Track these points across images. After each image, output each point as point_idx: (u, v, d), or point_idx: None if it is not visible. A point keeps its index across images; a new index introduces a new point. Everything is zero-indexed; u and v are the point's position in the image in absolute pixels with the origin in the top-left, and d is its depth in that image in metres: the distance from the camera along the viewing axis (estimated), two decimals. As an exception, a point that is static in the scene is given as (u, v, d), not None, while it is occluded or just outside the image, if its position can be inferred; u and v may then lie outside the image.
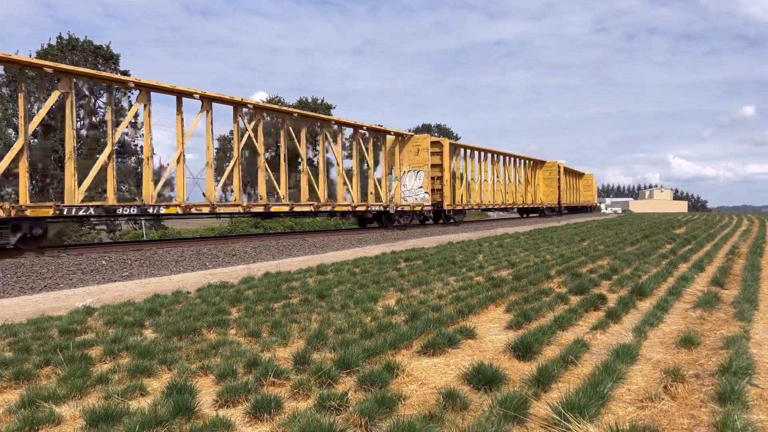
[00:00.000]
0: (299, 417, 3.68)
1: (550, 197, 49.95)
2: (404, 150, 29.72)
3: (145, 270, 13.35)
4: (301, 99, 56.21)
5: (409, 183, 29.93)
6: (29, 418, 3.78)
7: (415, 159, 29.94)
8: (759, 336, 5.96)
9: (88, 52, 37.15)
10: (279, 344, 5.69)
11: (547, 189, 50.18)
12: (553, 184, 50.36)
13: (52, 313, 7.74)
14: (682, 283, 9.20)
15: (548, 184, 50.22)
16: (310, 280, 10.26)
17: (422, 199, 29.85)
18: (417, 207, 29.16)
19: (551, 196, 50.07)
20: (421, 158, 29.95)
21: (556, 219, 42.16)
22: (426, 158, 29.86)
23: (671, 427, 3.68)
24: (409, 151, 29.87)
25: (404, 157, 29.75)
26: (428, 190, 29.89)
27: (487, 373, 4.47)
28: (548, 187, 50.13)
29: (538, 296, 8.14)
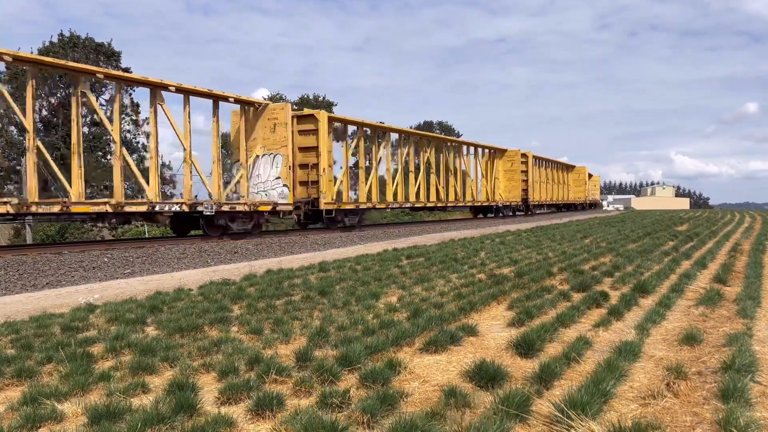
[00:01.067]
0: (301, 414, 3.68)
1: (513, 192, 41.37)
2: (257, 125, 21.21)
3: (147, 267, 13.37)
4: (303, 96, 56.20)
5: (264, 172, 21.33)
6: (31, 416, 3.78)
7: (271, 138, 21.18)
8: (762, 333, 5.95)
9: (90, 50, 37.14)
10: (281, 341, 5.69)
11: (509, 183, 41.87)
12: (516, 177, 41.66)
13: (54, 310, 7.75)
14: (685, 280, 9.19)
15: (510, 177, 41.71)
16: (312, 277, 10.26)
17: (280, 195, 21.11)
18: (265, 206, 20.30)
19: (514, 191, 41.44)
20: (278, 137, 21.05)
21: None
22: (285, 137, 20.95)
23: (674, 425, 3.67)
24: (264, 126, 21.15)
25: (257, 136, 21.17)
26: (288, 182, 21.02)
27: (489, 370, 4.46)
28: (510, 181, 41.78)
29: (540, 293, 8.13)
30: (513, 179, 41.17)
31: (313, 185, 22.48)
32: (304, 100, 54.77)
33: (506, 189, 40.95)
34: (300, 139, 22.35)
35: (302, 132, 22.42)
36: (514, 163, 41.12)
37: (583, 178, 61.39)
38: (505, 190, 40.82)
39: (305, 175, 22.40)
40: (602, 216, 39.84)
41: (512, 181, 41.19)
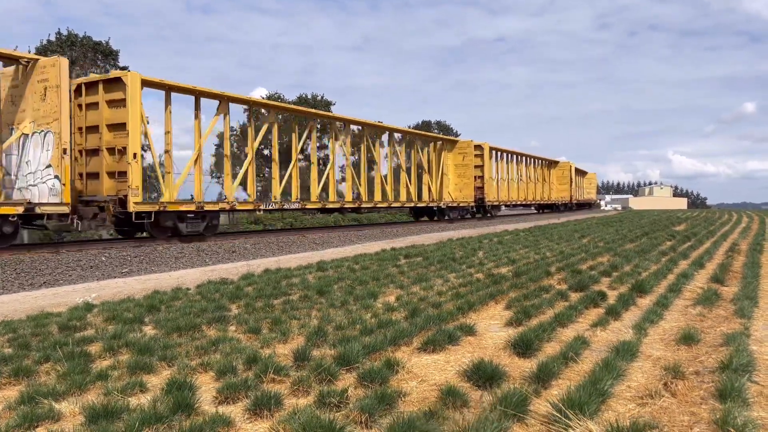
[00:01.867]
0: (299, 413, 3.68)
1: (464, 191, 34.77)
2: (27, 91, 14.95)
3: (145, 266, 13.35)
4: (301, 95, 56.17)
5: (34, 158, 14.91)
6: (29, 415, 3.77)
7: (41, 109, 14.75)
8: (759, 333, 5.96)
9: (88, 48, 37.08)
10: (279, 341, 5.69)
11: (460, 180, 34.97)
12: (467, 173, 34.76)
13: (51, 309, 7.74)
14: (682, 280, 9.20)
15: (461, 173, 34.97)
16: (310, 276, 10.26)
17: (51, 191, 14.65)
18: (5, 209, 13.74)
19: (465, 190, 34.76)
20: (50, 106, 14.58)
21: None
22: (56, 105, 14.45)
23: (671, 424, 3.68)
24: (34, 92, 14.84)
25: (26, 106, 14.95)
26: (60, 171, 14.51)
27: (487, 369, 4.46)
28: (461, 178, 35.02)
29: (538, 293, 8.14)
30: (464, 176, 34.70)
31: (121, 177, 16.18)
32: (302, 100, 54.75)
33: (456, 187, 34.55)
34: (108, 113, 16.35)
35: (110, 103, 16.36)
36: (466, 157, 34.52)
37: (567, 175, 54.48)
38: (455, 189, 34.47)
39: (114, 163, 16.24)
40: (600, 216, 39.90)
41: (463, 178, 34.67)
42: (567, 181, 54.59)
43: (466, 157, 34.76)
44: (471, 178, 34.93)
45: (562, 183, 53.99)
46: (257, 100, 23.45)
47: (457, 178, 34.87)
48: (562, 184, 54.12)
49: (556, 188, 52.92)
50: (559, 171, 53.73)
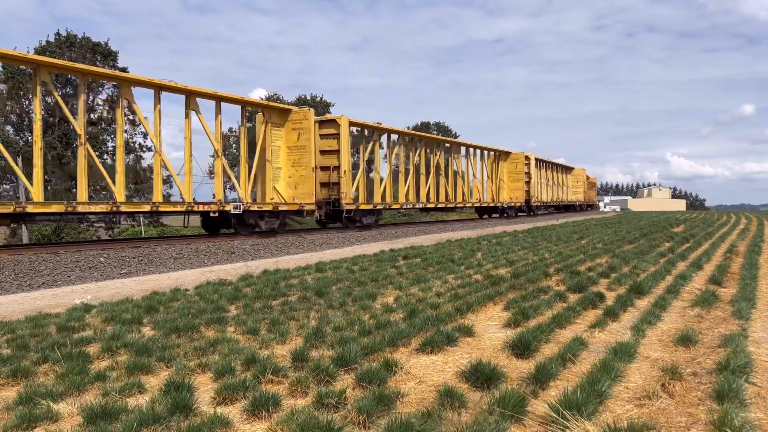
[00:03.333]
0: (297, 414, 3.68)
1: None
2: None
3: (144, 267, 13.34)
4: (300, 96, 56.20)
5: None
6: (27, 415, 3.77)
7: None
8: (757, 334, 5.97)
9: (86, 49, 37.07)
10: (277, 342, 5.69)
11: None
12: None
13: (50, 310, 7.73)
14: (681, 281, 9.21)
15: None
16: (309, 277, 10.26)
17: None
18: None
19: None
20: None
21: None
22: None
23: (669, 425, 3.68)
24: None
25: None
26: None
27: (485, 370, 4.47)
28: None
29: (537, 294, 8.15)
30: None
31: None
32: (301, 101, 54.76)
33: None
34: None
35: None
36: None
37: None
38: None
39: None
40: (599, 217, 39.93)
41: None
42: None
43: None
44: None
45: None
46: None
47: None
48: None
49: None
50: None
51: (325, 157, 23.39)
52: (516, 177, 41.66)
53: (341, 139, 23.14)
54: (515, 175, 41.44)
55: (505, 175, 41.30)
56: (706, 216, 40.92)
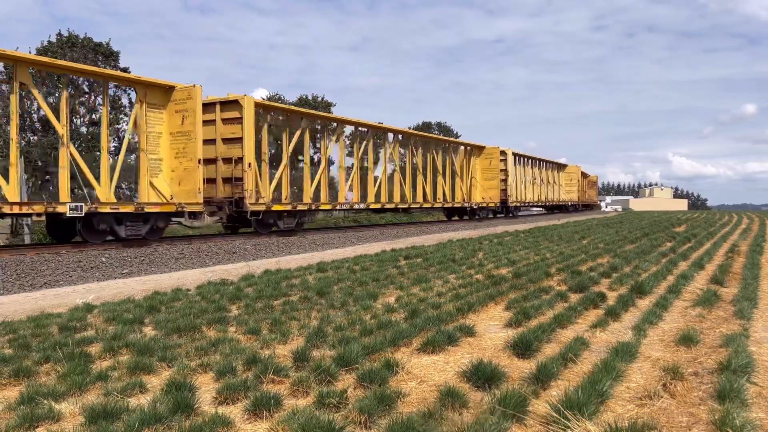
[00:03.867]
0: (298, 414, 3.69)
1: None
2: None
3: (145, 267, 13.36)
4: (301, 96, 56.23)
5: None
6: (29, 415, 3.78)
7: None
8: (758, 334, 5.97)
9: (88, 49, 37.12)
10: (278, 341, 5.70)
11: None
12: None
13: (51, 310, 7.74)
14: (682, 281, 9.21)
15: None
16: (310, 277, 10.26)
17: None
18: None
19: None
20: None
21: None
22: None
23: (670, 425, 3.68)
24: None
25: None
26: None
27: (486, 370, 4.47)
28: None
29: (538, 294, 8.15)
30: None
31: None
32: (302, 101, 54.79)
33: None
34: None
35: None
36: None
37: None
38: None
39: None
40: (600, 217, 39.91)
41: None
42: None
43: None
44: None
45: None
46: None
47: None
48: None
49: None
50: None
51: (229, 146, 19.50)
52: (490, 174, 37.49)
53: (245, 125, 19.07)
54: (489, 172, 37.41)
55: (478, 172, 37.24)
56: (708, 216, 40.88)
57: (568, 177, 56.46)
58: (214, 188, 19.53)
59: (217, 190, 19.46)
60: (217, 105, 19.38)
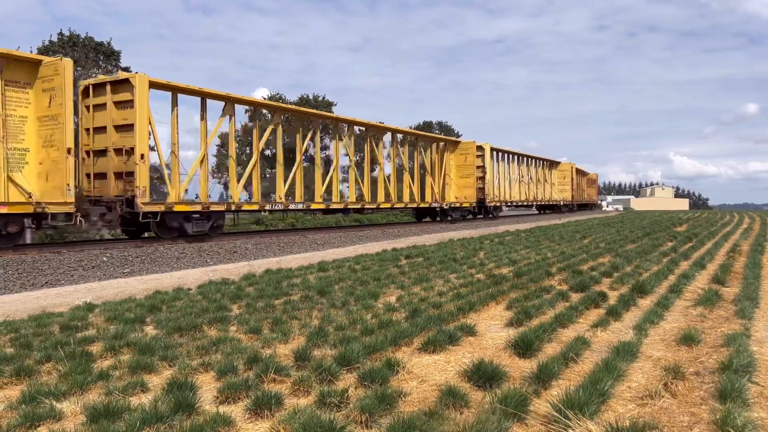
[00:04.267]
0: (299, 413, 3.69)
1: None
2: None
3: (146, 266, 13.37)
4: (302, 96, 56.23)
5: None
6: (30, 414, 3.78)
7: None
8: (760, 334, 5.96)
9: (89, 49, 37.14)
10: (279, 341, 5.70)
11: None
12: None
13: (53, 309, 7.75)
14: (683, 280, 9.20)
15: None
16: (311, 277, 10.26)
17: None
18: None
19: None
20: None
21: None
22: None
23: (671, 425, 3.68)
24: None
25: None
26: None
27: (487, 370, 4.47)
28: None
29: (539, 293, 8.14)
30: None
31: None
32: (303, 100, 54.79)
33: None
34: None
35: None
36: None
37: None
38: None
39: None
40: (601, 216, 39.87)
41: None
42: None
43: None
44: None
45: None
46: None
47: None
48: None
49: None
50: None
51: (122, 135, 16.40)
52: (466, 172, 33.98)
53: (137, 108, 16.04)
54: (465, 169, 33.99)
55: (453, 169, 33.80)
56: (709, 215, 40.83)
57: (561, 175, 53.32)
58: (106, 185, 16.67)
59: (109, 188, 16.58)
60: (108, 85, 16.51)
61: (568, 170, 54.68)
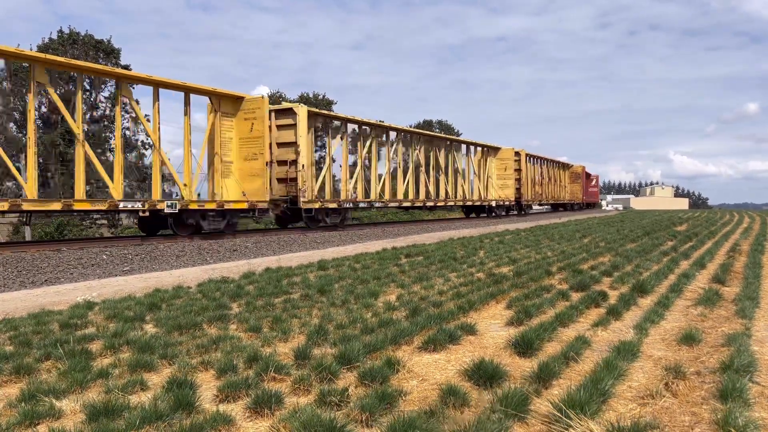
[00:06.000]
0: (300, 412, 3.68)
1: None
2: None
3: (146, 265, 13.36)
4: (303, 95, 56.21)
5: None
6: (30, 412, 3.77)
7: None
8: (760, 333, 5.95)
9: (89, 47, 37.10)
10: (279, 339, 5.69)
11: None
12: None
13: (52, 307, 7.74)
14: (684, 280, 9.19)
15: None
16: (311, 275, 10.25)
17: None
18: None
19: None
20: None
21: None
22: None
23: (672, 424, 3.67)
24: None
25: None
26: None
27: (487, 369, 4.46)
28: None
29: (539, 293, 8.13)
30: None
31: None
32: (304, 99, 54.77)
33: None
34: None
35: None
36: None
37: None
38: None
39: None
40: (601, 216, 39.88)
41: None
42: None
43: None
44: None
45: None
46: None
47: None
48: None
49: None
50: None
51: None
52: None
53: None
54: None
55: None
56: (709, 215, 40.83)
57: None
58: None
59: None
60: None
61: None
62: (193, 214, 18.38)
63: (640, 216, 37.78)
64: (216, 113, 19.53)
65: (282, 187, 22.05)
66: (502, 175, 39.67)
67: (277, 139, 22.14)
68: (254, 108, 20.13)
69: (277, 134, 22.17)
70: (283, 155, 22.18)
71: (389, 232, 23.94)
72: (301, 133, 21.98)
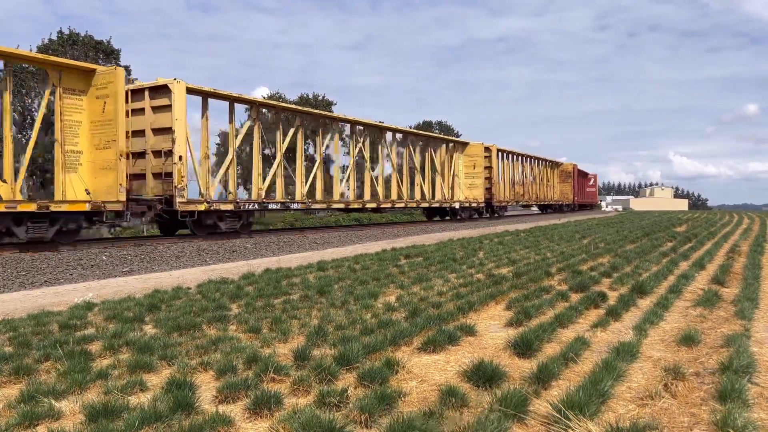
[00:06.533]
0: (299, 413, 3.68)
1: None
2: None
3: (146, 265, 13.36)
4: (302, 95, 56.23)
5: None
6: (29, 413, 3.77)
7: None
8: (760, 334, 5.96)
9: (89, 47, 37.11)
10: (279, 340, 5.69)
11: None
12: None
13: (52, 308, 7.73)
14: (683, 281, 9.20)
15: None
16: (311, 276, 10.25)
17: None
18: None
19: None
20: None
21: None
22: None
23: (671, 425, 3.67)
24: None
25: None
26: None
27: (487, 370, 4.46)
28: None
29: (539, 293, 8.14)
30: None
31: None
32: (303, 99, 54.77)
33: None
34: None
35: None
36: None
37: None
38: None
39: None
40: (600, 217, 39.88)
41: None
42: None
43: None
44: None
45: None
46: None
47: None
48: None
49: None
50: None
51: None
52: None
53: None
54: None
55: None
56: (709, 216, 40.84)
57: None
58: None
59: None
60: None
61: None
62: None
63: (639, 217, 37.80)
64: (56, 89, 15.12)
65: (158, 184, 17.78)
66: (470, 173, 35.49)
67: (152, 124, 17.91)
68: (106, 83, 15.60)
69: (153, 118, 17.89)
70: (159, 144, 17.79)
71: (389, 232, 23.95)
72: (177, 115, 17.46)
